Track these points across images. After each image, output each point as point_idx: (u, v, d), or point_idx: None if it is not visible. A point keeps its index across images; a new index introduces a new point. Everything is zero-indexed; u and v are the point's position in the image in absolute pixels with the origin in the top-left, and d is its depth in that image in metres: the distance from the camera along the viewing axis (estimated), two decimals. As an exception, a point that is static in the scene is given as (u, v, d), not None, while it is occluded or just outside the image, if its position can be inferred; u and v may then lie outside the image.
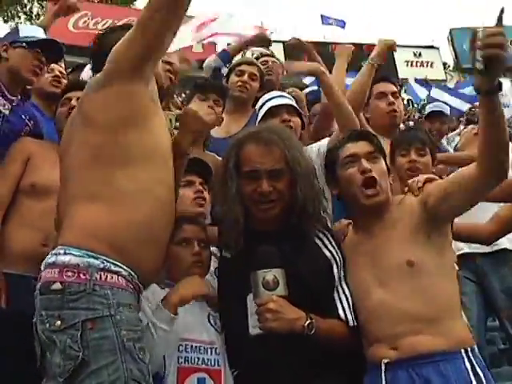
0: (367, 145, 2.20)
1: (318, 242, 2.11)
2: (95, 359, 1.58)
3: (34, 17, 24.80)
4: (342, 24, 22.56)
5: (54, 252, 1.72)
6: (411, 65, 23.46)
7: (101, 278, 1.65)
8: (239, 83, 3.64)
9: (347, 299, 2.06)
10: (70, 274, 1.64)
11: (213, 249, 2.28)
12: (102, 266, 1.67)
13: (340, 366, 1.97)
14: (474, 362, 1.89)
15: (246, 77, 3.66)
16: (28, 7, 25.41)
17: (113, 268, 1.69)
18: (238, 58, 4.15)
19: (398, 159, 2.94)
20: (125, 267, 1.72)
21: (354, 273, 2.12)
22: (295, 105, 3.03)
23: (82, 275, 1.64)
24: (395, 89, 3.47)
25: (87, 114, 1.87)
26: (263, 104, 3.03)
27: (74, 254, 1.67)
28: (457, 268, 2.91)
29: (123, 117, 1.82)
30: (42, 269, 1.73)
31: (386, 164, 2.23)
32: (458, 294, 2.08)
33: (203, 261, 2.15)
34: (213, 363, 1.97)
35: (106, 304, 1.63)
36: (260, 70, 3.79)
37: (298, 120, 2.95)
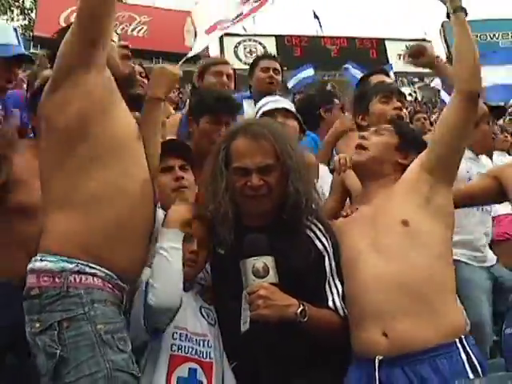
0: None
1: (310, 233, 2.08)
2: (74, 356, 1.63)
3: (26, 11, 24.59)
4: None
5: (33, 259, 1.77)
6: (403, 58, 23.49)
7: (75, 280, 1.71)
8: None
9: (338, 291, 2.03)
10: (46, 278, 1.71)
11: None
12: (76, 269, 1.71)
13: (328, 357, 1.97)
14: (470, 352, 1.83)
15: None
16: (21, 0, 25.18)
17: (87, 270, 1.73)
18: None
19: (377, 106, 2.88)
20: (100, 268, 1.75)
21: (347, 246, 2.09)
22: (291, 108, 2.95)
23: (57, 279, 1.70)
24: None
25: (48, 117, 1.84)
26: (258, 109, 2.97)
27: (48, 260, 1.72)
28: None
29: (83, 113, 1.79)
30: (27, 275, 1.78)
31: None
32: (452, 271, 2.04)
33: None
34: (205, 355, 1.95)
35: (80, 303, 1.68)
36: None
37: (295, 123, 2.87)
